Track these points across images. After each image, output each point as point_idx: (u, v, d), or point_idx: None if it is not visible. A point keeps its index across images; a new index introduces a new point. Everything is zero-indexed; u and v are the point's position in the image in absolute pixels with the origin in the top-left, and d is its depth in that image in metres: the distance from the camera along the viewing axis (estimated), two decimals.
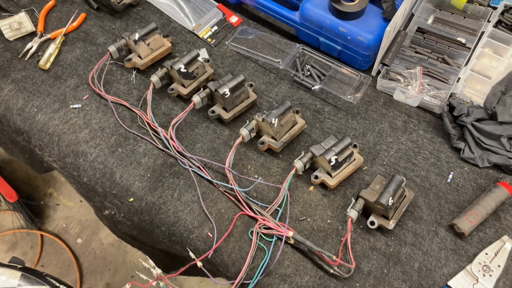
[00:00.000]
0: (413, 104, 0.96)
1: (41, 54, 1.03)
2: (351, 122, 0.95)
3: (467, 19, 1.02)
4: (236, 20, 1.10)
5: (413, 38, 1.02)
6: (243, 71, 1.02)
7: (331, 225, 0.83)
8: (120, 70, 1.01)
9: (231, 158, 0.86)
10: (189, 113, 0.95)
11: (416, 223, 0.83)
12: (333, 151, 0.82)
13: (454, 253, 0.80)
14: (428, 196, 0.86)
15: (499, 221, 0.83)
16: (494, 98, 0.89)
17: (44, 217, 1.67)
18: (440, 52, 0.99)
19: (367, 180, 0.87)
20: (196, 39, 1.07)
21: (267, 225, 0.81)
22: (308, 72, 1.00)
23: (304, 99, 0.98)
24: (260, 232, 0.80)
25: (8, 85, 0.99)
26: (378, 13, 0.96)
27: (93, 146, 0.91)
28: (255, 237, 0.80)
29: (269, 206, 0.83)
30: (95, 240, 1.62)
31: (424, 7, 1.05)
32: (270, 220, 0.81)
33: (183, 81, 0.94)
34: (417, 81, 0.92)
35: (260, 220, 0.81)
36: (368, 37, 0.93)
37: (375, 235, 0.82)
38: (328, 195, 0.86)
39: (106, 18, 1.10)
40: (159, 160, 0.89)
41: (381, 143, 0.92)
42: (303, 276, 0.78)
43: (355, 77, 0.98)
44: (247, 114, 0.95)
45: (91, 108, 0.96)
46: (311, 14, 0.97)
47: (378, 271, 0.78)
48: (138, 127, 0.94)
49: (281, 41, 1.05)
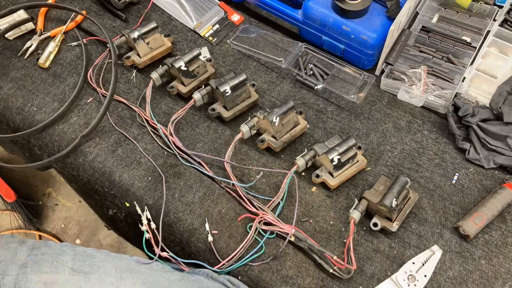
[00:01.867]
0: (417, 104, 0.95)
1: (40, 52, 1.02)
2: (354, 122, 0.94)
3: (472, 18, 1.01)
4: (238, 19, 1.09)
5: (418, 37, 1.01)
6: (245, 70, 1.01)
7: (333, 227, 0.82)
8: (120, 68, 1.00)
9: (230, 153, 0.85)
10: (190, 112, 0.95)
11: (420, 225, 0.81)
12: (336, 151, 0.81)
13: (459, 255, 0.78)
14: (433, 198, 0.84)
15: (505, 223, 0.81)
16: (500, 98, 0.88)
17: (43, 217, 1.66)
18: (445, 51, 0.98)
19: (371, 181, 0.86)
20: (198, 38, 1.06)
21: (267, 221, 0.80)
22: (311, 71, 0.99)
23: (306, 98, 0.97)
24: (259, 227, 0.79)
25: (8, 83, 0.98)
26: (382, 12, 0.95)
27: (93, 146, 0.90)
28: (253, 231, 0.79)
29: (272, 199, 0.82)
30: (94, 241, 1.61)
31: (429, 5, 1.04)
32: (271, 215, 0.80)
33: (183, 80, 0.93)
34: (421, 81, 0.91)
35: (261, 214, 0.80)
36: (371, 36, 0.92)
37: (378, 237, 0.80)
38: (331, 196, 0.85)
39: (107, 16, 1.09)
40: (160, 160, 0.88)
41: (384, 144, 0.91)
42: (305, 278, 0.76)
43: (358, 77, 0.97)
44: (248, 113, 0.94)
45: (90, 107, 0.95)
46: (314, 12, 0.96)
47: (381, 273, 0.77)
48: (138, 125, 0.93)
49: (283, 39, 1.04)
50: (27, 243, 0.70)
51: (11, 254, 0.68)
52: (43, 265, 0.67)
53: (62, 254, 0.69)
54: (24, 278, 0.65)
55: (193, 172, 0.87)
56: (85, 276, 0.68)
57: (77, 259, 0.70)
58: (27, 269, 0.66)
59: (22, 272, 0.66)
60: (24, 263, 0.67)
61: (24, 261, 0.67)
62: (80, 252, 0.71)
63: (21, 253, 0.68)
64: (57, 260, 0.68)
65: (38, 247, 0.70)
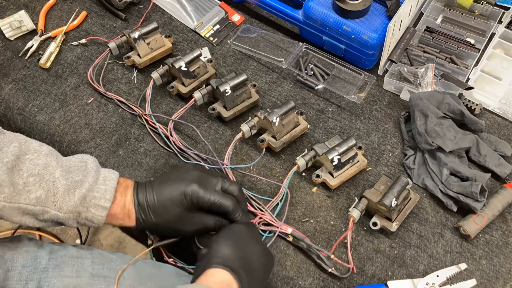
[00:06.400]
0: None
1: (41, 53, 1.02)
2: (355, 122, 0.94)
3: (476, 20, 1.01)
4: (238, 19, 1.09)
5: (422, 37, 1.01)
6: (246, 70, 1.01)
7: (334, 227, 0.81)
8: (121, 69, 1.00)
9: (229, 154, 0.85)
10: (190, 113, 0.95)
11: (421, 225, 0.81)
12: (337, 151, 0.80)
13: (460, 255, 0.78)
14: (433, 198, 0.84)
15: (505, 223, 0.81)
16: (422, 137, 0.85)
17: None
18: (448, 52, 0.98)
19: (372, 181, 0.86)
20: (198, 38, 1.06)
21: (266, 221, 0.80)
22: (312, 71, 0.99)
23: (307, 98, 0.97)
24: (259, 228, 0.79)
25: (9, 84, 0.98)
26: (382, 12, 0.95)
27: (94, 146, 0.90)
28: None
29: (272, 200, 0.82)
30: (94, 241, 1.61)
31: (434, 6, 1.04)
32: (270, 216, 0.80)
33: (183, 80, 0.93)
34: (429, 80, 0.91)
35: (259, 214, 0.80)
36: (372, 36, 0.92)
37: (379, 237, 0.80)
38: (331, 196, 0.85)
39: (107, 16, 1.09)
40: (161, 160, 0.88)
41: (385, 144, 0.91)
42: (306, 279, 0.76)
43: (359, 77, 0.97)
44: (248, 114, 0.94)
45: (91, 108, 0.95)
46: (315, 12, 0.96)
47: (382, 273, 0.77)
48: (139, 126, 0.93)
49: (284, 40, 1.04)
50: (45, 247, 0.70)
51: (32, 259, 0.67)
52: (64, 269, 0.67)
53: (81, 257, 0.69)
54: (46, 283, 0.65)
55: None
56: (105, 279, 0.68)
57: (96, 262, 0.69)
58: (48, 273, 0.66)
59: (44, 276, 0.66)
60: (45, 267, 0.67)
61: (45, 266, 0.67)
62: (97, 255, 0.71)
63: (41, 257, 0.68)
64: (77, 264, 0.68)
65: (56, 251, 0.70)
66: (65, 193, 0.65)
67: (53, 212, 0.65)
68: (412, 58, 0.98)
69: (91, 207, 0.67)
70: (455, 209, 0.81)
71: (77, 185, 0.66)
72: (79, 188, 0.66)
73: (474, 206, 0.78)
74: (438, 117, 0.85)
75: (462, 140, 0.84)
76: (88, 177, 0.68)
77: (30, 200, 0.63)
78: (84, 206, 0.66)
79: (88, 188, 0.66)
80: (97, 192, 0.67)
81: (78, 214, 0.67)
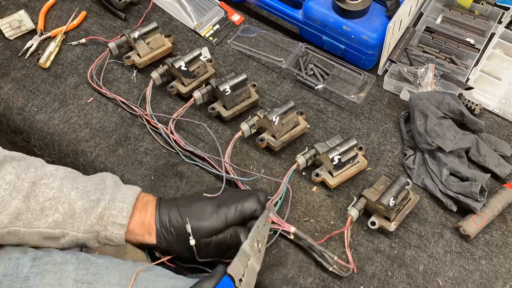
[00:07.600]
0: None
1: (41, 52, 1.02)
2: (355, 122, 0.94)
3: (476, 20, 1.01)
4: (238, 19, 1.09)
5: (421, 37, 1.01)
6: (246, 70, 1.01)
7: (334, 226, 0.81)
8: (121, 68, 1.00)
9: (229, 153, 0.85)
10: (190, 112, 0.95)
11: (420, 225, 0.81)
12: (337, 150, 0.80)
13: (459, 255, 0.78)
14: (433, 197, 0.84)
15: (505, 223, 0.81)
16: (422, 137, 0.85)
17: None
18: (448, 52, 0.98)
19: (371, 181, 0.86)
20: (198, 38, 1.06)
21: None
22: (311, 71, 0.99)
23: (307, 98, 0.97)
24: None
25: (8, 83, 0.98)
26: (382, 12, 0.95)
27: (93, 145, 0.90)
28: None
29: (271, 198, 0.82)
30: None
31: (433, 6, 1.04)
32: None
33: (183, 80, 0.93)
34: (429, 80, 0.91)
35: None
36: (372, 36, 0.92)
37: (378, 237, 0.80)
38: (331, 196, 0.85)
39: (107, 16, 1.09)
40: (162, 159, 0.88)
41: (385, 144, 0.91)
42: (307, 278, 0.76)
43: (359, 77, 0.97)
44: (248, 113, 0.94)
45: (91, 108, 0.95)
46: (315, 12, 0.96)
47: (382, 273, 0.77)
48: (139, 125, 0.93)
49: (283, 39, 1.04)
50: (29, 253, 0.67)
51: (13, 267, 0.65)
52: (46, 277, 0.65)
53: (65, 263, 0.67)
54: None
55: (194, 171, 0.87)
56: (89, 285, 0.66)
57: (80, 268, 0.68)
58: (29, 282, 0.64)
59: (25, 286, 0.64)
60: (26, 276, 0.65)
61: (27, 274, 0.65)
62: (83, 260, 0.69)
63: (23, 265, 0.66)
64: (60, 271, 0.67)
65: (40, 257, 0.68)
66: (82, 213, 0.65)
67: (72, 233, 0.65)
68: (412, 58, 0.98)
69: (109, 225, 0.67)
70: (455, 209, 0.81)
71: (94, 204, 0.66)
72: (96, 207, 0.66)
73: (474, 206, 0.78)
74: (438, 117, 0.85)
75: (461, 140, 0.84)
76: (105, 195, 0.68)
77: (49, 224, 0.64)
78: (101, 225, 0.66)
79: (104, 207, 0.67)
80: (114, 210, 0.67)
81: (97, 233, 0.67)
